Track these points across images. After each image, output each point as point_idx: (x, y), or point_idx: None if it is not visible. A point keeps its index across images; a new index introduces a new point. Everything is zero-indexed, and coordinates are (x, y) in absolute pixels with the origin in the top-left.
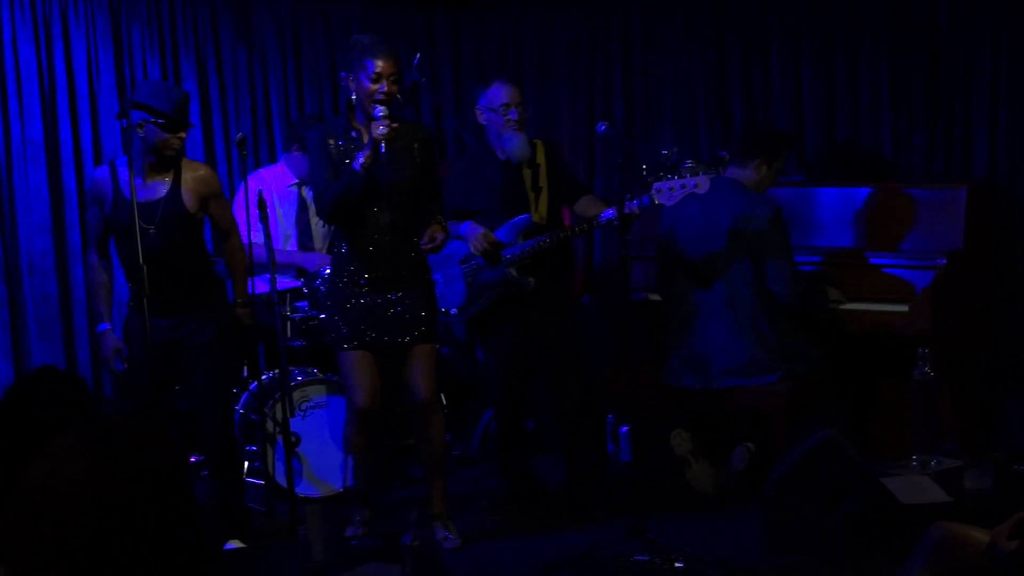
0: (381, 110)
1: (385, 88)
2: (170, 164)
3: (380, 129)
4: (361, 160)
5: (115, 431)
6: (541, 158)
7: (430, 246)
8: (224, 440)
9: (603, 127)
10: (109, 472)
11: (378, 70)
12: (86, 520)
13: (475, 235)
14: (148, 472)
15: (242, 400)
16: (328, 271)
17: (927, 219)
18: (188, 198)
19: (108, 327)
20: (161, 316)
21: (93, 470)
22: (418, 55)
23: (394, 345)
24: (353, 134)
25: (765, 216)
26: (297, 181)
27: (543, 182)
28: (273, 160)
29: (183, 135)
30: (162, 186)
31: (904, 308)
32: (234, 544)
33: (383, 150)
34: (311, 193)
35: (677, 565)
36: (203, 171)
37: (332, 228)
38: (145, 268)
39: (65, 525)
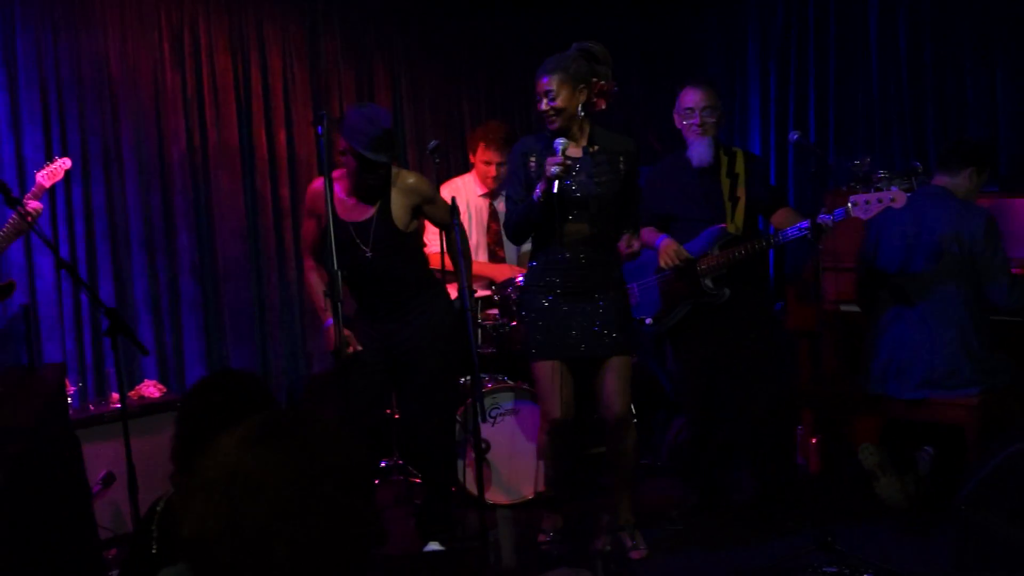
0: (560, 144)
1: (543, 107)
2: (378, 188)
3: (552, 169)
4: (538, 193)
5: (284, 426)
6: (740, 167)
7: (628, 252)
8: (438, 442)
9: (796, 136)
10: (277, 466)
11: (538, 88)
12: (263, 504)
13: (667, 250)
14: (316, 467)
15: None
16: (521, 280)
17: None
18: (399, 214)
19: (332, 322)
20: (379, 323)
21: (271, 458)
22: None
23: (589, 357)
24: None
25: (980, 225)
26: (487, 191)
27: (740, 192)
28: (466, 168)
29: (381, 171)
30: (373, 204)
31: None
32: (434, 546)
33: (555, 189)
34: (500, 204)
35: None
36: (412, 180)
37: None
38: (340, 274)
39: (229, 515)
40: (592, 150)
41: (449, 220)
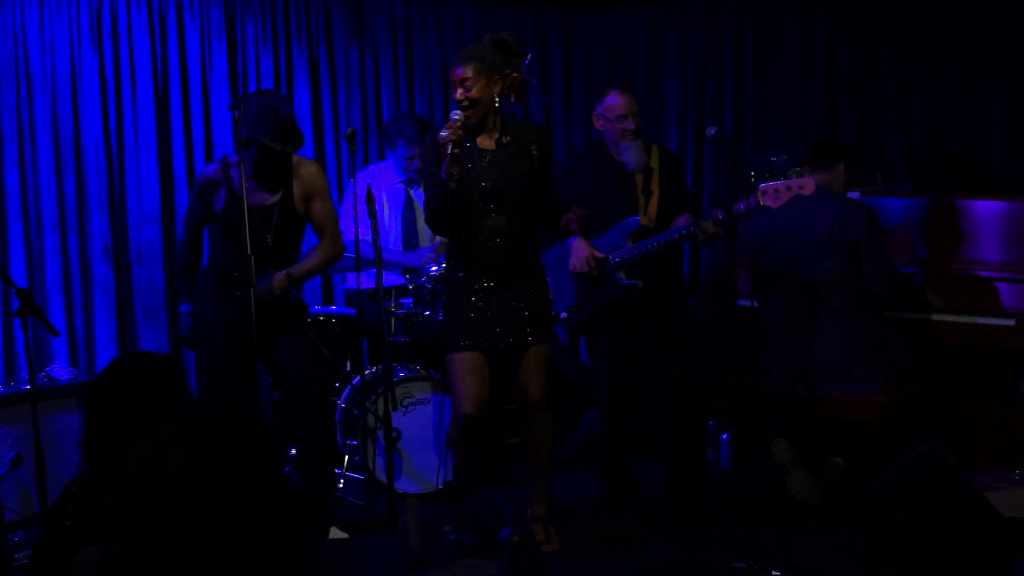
0: (456, 114)
1: (457, 96)
2: (281, 174)
3: (443, 133)
4: (444, 167)
5: (208, 420)
6: (655, 162)
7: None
8: (317, 432)
9: (713, 131)
10: (203, 460)
11: (452, 78)
12: (181, 507)
13: (579, 255)
14: (242, 460)
15: (344, 395)
16: (434, 269)
17: None
18: (299, 202)
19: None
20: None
21: (188, 458)
22: (528, 56)
23: (508, 348)
24: (467, 143)
25: (862, 217)
26: (405, 179)
27: (655, 186)
28: (383, 157)
29: (284, 161)
30: (275, 191)
31: (1010, 322)
32: (337, 533)
33: (450, 150)
34: (417, 192)
35: (775, 574)
36: (310, 168)
37: None
38: (252, 259)
39: (160, 512)
40: (505, 141)
41: (329, 225)
